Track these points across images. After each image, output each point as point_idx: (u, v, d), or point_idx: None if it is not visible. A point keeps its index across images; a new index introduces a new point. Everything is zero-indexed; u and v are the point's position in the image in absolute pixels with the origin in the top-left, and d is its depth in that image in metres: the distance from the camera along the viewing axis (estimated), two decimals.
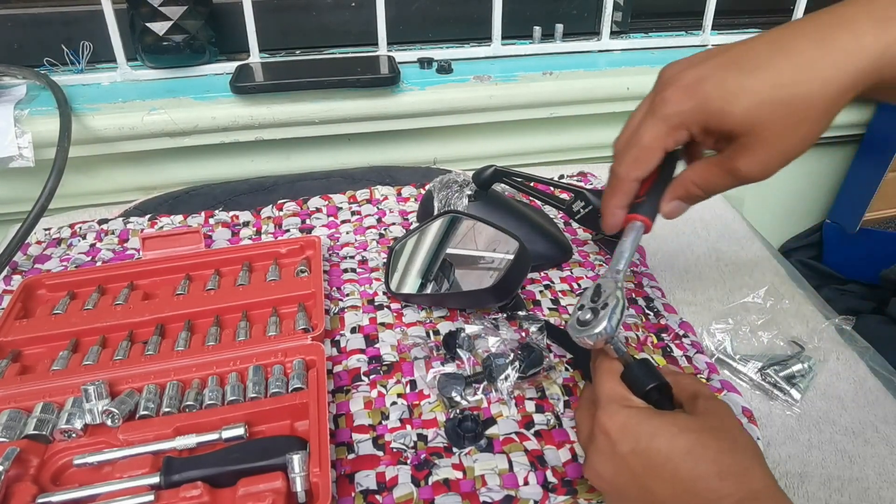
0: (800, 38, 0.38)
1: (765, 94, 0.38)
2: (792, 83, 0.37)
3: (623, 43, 1.00)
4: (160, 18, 0.81)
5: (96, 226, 0.74)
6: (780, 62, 0.38)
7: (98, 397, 0.47)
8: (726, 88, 0.38)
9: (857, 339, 0.60)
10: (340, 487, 0.44)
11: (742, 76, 0.38)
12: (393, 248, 0.62)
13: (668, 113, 0.40)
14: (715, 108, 0.39)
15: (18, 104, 0.78)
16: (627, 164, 0.43)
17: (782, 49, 0.38)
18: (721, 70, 0.39)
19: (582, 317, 0.42)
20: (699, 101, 0.39)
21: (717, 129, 0.39)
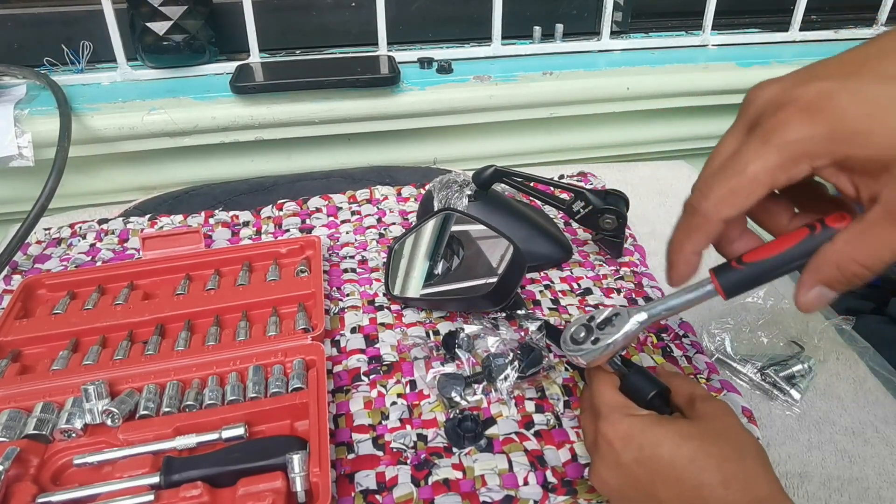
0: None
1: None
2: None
3: (623, 43, 1.00)
4: (160, 18, 0.81)
5: (96, 226, 0.74)
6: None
7: (98, 397, 0.47)
8: (869, 102, 0.29)
9: (857, 339, 0.60)
10: (340, 487, 0.44)
11: (887, 83, 0.29)
12: (392, 248, 0.62)
13: (788, 140, 0.30)
14: (858, 130, 0.29)
15: (18, 104, 0.78)
16: (719, 196, 0.32)
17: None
18: (853, 80, 0.29)
19: (577, 334, 0.42)
20: (833, 122, 0.29)
21: (862, 158, 0.29)
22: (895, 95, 0.29)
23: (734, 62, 0.95)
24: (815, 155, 0.30)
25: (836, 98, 0.29)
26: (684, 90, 0.93)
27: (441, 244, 0.59)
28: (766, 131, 0.31)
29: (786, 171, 0.31)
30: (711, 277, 0.37)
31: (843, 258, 0.31)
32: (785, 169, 0.31)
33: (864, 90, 0.29)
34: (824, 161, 0.30)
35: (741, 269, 0.35)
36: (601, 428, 0.40)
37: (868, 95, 0.29)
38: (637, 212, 0.71)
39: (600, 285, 0.64)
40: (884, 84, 0.29)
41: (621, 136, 0.98)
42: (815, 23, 1.04)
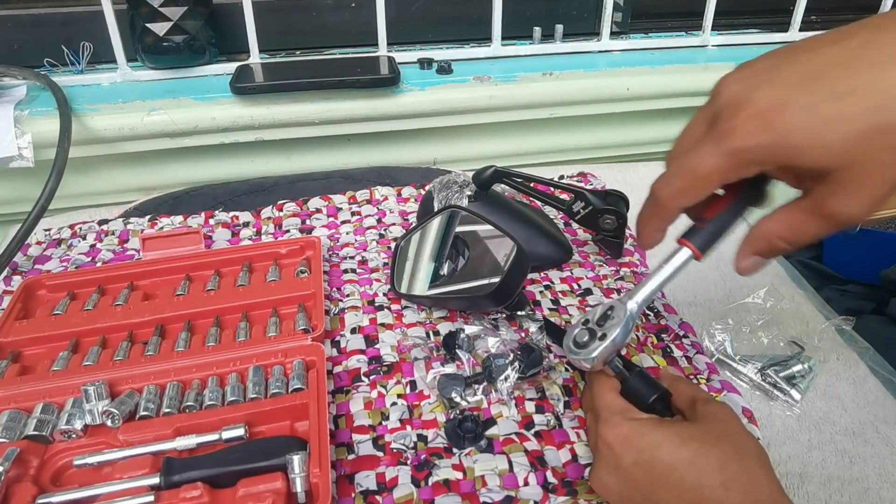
0: (892, 47, 0.31)
1: (865, 120, 0.30)
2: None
3: (623, 43, 1.00)
4: (160, 19, 0.81)
5: (96, 226, 0.74)
6: (880, 78, 0.30)
7: (98, 398, 0.47)
8: (814, 117, 0.31)
9: (857, 339, 0.60)
10: (340, 488, 0.44)
11: (834, 100, 0.31)
12: (398, 245, 0.62)
13: (738, 147, 0.33)
14: (800, 142, 0.31)
15: (18, 104, 0.78)
16: (674, 190, 0.36)
17: (877, 62, 0.31)
18: (805, 91, 0.31)
19: (579, 338, 0.42)
20: (780, 133, 0.32)
21: (803, 167, 0.32)
22: (840, 113, 0.31)
23: (734, 62, 0.93)
24: (760, 161, 0.33)
25: (786, 110, 0.32)
26: (684, 90, 0.93)
27: (447, 242, 0.59)
28: (721, 133, 0.34)
29: (735, 173, 0.34)
30: (683, 243, 0.40)
31: (771, 234, 0.37)
32: (733, 171, 0.34)
33: (813, 106, 0.31)
34: (769, 166, 0.34)
35: (705, 226, 0.39)
36: (601, 431, 0.40)
37: (814, 112, 0.31)
38: (637, 212, 0.71)
39: (600, 286, 0.64)
40: (833, 101, 0.31)
41: (621, 137, 0.98)
42: (814, 23, 1.04)
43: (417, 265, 0.60)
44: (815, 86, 0.32)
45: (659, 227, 0.39)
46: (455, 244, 0.58)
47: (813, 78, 0.32)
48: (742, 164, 0.34)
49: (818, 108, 0.31)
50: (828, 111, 0.31)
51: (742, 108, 0.33)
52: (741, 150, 0.33)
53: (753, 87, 0.33)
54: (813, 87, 0.32)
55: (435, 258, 0.59)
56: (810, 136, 0.31)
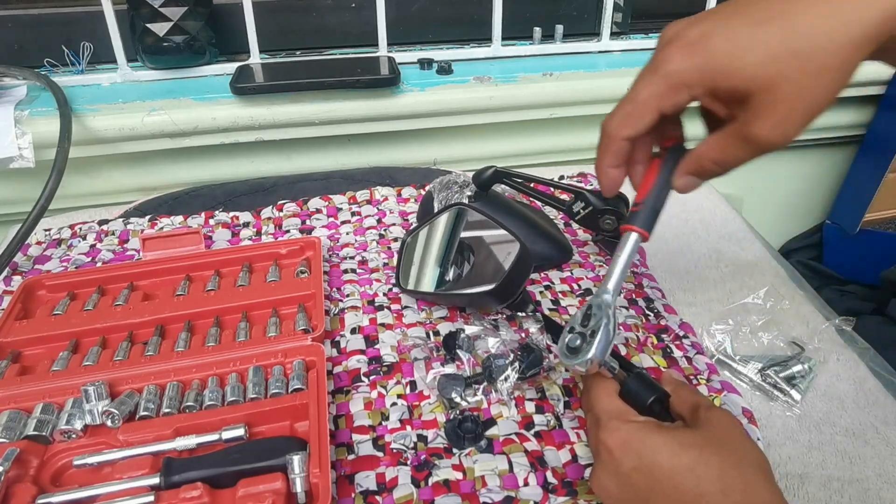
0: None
1: (778, 44, 0.34)
2: (809, 30, 0.33)
3: (623, 44, 1.00)
4: (160, 19, 0.81)
5: (96, 226, 0.74)
6: (793, 6, 0.34)
7: (98, 398, 0.47)
8: (734, 42, 0.35)
9: (857, 339, 0.60)
10: (340, 488, 0.44)
11: (752, 27, 0.34)
12: (404, 241, 0.62)
13: (669, 70, 0.37)
14: (722, 65, 0.35)
15: (19, 105, 0.78)
16: (618, 120, 0.40)
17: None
18: (728, 23, 0.35)
19: (571, 343, 0.42)
20: (704, 57, 0.35)
21: (726, 88, 0.36)
22: (756, 38, 0.34)
23: None
24: (691, 84, 0.37)
25: (711, 38, 0.36)
26: None
27: (453, 242, 0.59)
28: (656, 63, 0.38)
29: (670, 98, 0.37)
30: (627, 228, 0.42)
31: (702, 157, 0.40)
32: (668, 96, 0.37)
33: (734, 32, 0.35)
34: (699, 90, 0.37)
35: (640, 208, 0.42)
36: (601, 436, 0.40)
37: (735, 37, 0.35)
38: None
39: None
40: (750, 28, 0.35)
41: None
42: None
43: (424, 264, 0.60)
44: (737, 17, 0.35)
45: (612, 163, 0.41)
46: (461, 250, 0.58)
47: (737, 12, 0.36)
48: (674, 88, 0.37)
49: (737, 34, 0.35)
50: (745, 36, 0.35)
51: (676, 41, 0.37)
52: (672, 73, 0.37)
53: (687, 25, 0.37)
54: (736, 19, 0.35)
55: (442, 259, 0.59)
56: (730, 58, 0.35)
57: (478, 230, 0.58)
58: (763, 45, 0.34)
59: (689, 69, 0.36)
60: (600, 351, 0.40)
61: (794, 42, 0.34)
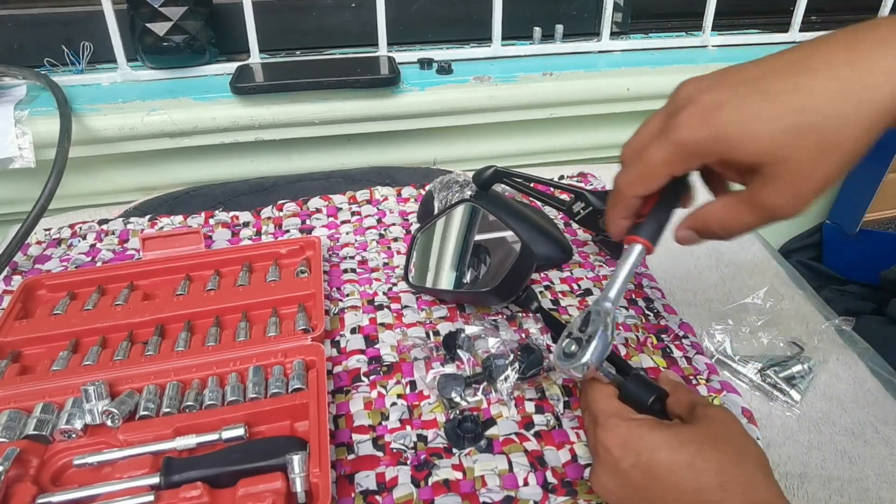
0: (828, 56, 0.34)
1: (789, 119, 0.34)
2: (820, 106, 0.33)
3: (623, 44, 1.00)
4: (160, 19, 0.81)
5: (96, 226, 0.74)
6: (806, 83, 0.34)
7: (98, 398, 0.47)
8: (745, 114, 0.35)
9: (857, 339, 0.60)
10: (340, 488, 0.44)
11: (763, 100, 0.34)
12: (415, 236, 0.62)
13: (682, 139, 0.36)
14: (733, 138, 0.35)
15: (19, 104, 0.78)
16: (629, 180, 0.40)
17: (808, 69, 0.34)
18: (740, 93, 0.35)
19: (567, 348, 0.42)
20: (716, 129, 0.35)
21: (738, 160, 0.35)
22: (769, 111, 0.34)
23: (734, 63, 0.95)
24: (702, 154, 0.37)
25: (724, 108, 0.35)
26: None
27: (469, 238, 0.58)
28: (669, 128, 0.37)
29: (681, 165, 0.38)
30: (632, 240, 0.42)
31: (708, 218, 0.40)
32: (680, 163, 0.38)
33: (747, 104, 0.35)
34: (711, 159, 0.37)
35: (645, 220, 0.42)
36: (599, 435, 0.40)
37: (747, 109, 0.35)
38: None
39: (600, 286, 0.64)
40: (763, 101, 0.34)
41: (621, 137, 0.97)
42: (814, 23, 1.04)
43: (441, 262, 0.59)
44: (750, 88, 0.35)
45: (621, 214, 0.42)
46: (476, 250, 0.58)
47: (749, 82, 0.36)
48: (686, 156, 0.37)
49: (749, 106, 0.35)
50: (757, 109, 0.34)
51: (688, 106, 0.37)
52: (685, 143, 0.37)
53: (701, 90, 0.37)
54: (748, 89, 0.35)
55: (458, 258, 0.58)
56: (742, 131, 0.35)
57: (481, 229, 0.58)
58: (776, 119, 0.34)
59: (701, 140, 0.36)
60: (596, 356, 0.40)
61: (807, 118, 0.33)
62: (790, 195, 0.35)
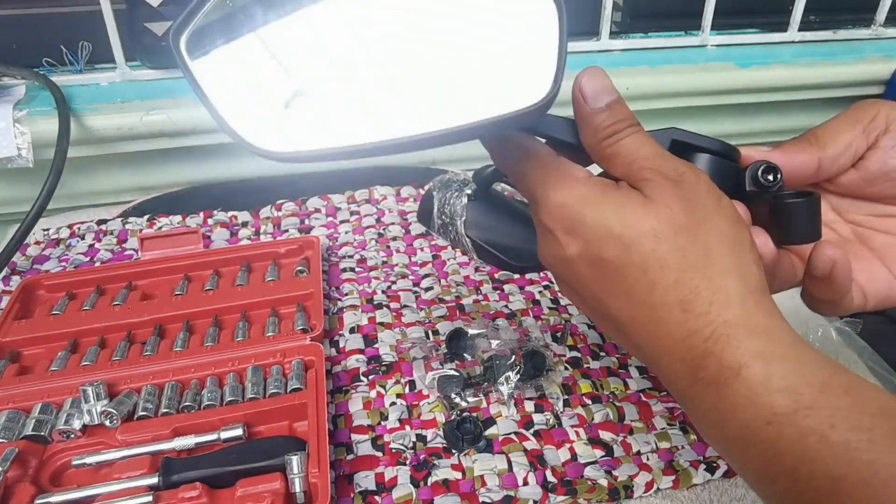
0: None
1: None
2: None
3: (622, 43, 1.00)
4: (159, 19, 0.81)
5: (95, 226, 0.74)
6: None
7: (96, 398, 0.47)
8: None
9: (856, 339, 0.60)
10: (339, 488, 0.44)
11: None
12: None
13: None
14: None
15: (17, 104, 0.77)
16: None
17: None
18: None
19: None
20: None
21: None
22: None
23: (733, 62, 0.95)
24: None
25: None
26: (683, 90, 0.93)
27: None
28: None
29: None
30: None
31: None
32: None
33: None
34: None
35: None
36: (541, 216, 0.35)
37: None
38: None
39: None
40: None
41: None
42: (813, 23, 1.04)
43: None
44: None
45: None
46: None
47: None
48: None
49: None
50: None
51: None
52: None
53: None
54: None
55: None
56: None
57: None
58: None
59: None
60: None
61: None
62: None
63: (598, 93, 0.35)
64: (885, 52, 0.98)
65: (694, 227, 0.31)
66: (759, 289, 0.32)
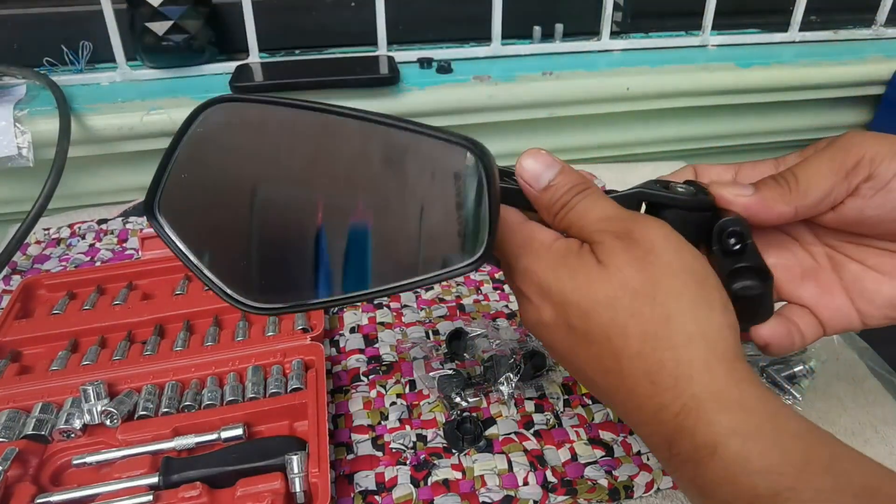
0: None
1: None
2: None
3: (623, 43, 1.00)
4: (160, 18, 0.81)
5: (95, 226, 0.74)
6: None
7: (97, 397, 0.47)
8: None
9: (856, 339, 0.60)
10: (339, 488, 0.44)
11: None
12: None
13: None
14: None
15: (18, 104, 0.78)
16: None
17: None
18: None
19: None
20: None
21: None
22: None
23: (734, 62, 0.95)
24: None
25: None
26: (684, 90, 0.93)
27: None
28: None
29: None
30: None
31: None
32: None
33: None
34: None
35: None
36: (515, 281, 0.34)
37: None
38: None
39: None
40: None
41: (621, 136, 0.98)
42: (814, 23, 1.04)
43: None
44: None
45: None
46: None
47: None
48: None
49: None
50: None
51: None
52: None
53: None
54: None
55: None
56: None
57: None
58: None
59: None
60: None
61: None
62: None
63: (538, 174, 0.36)
64: (885, 53, 0.98)
65: (650, 289, 0.29)
66: (729, 355, 0.29)
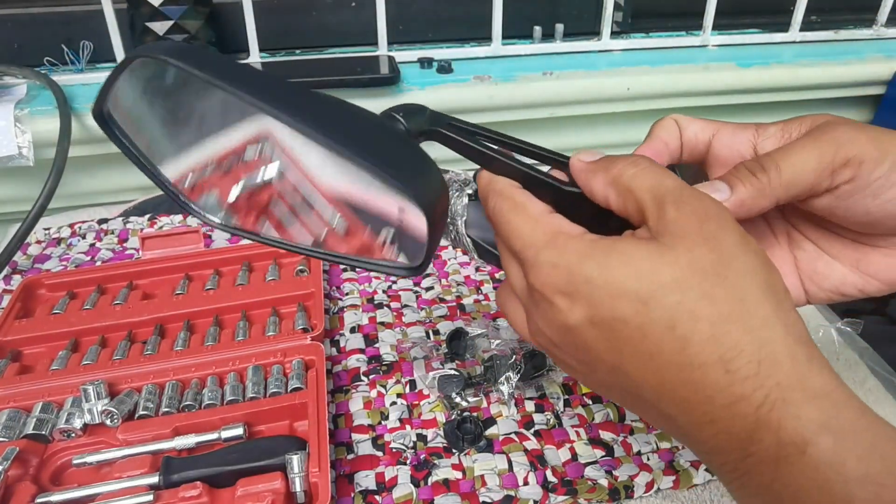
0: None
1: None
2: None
3: (623, 43, 1.00)
4: (160, 18, 0.81)
5: (96, 225, 0.74)
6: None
7: (97, 397, 0.47)
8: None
9: (857, 339, 0.60)
10: (340, 487, 0.44)
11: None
12: None
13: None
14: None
15: (18, 104, 0.78)
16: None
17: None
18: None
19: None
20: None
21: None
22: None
23: (734, 62, 0.95)
24: None
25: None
26: (684, 90, 0.93)
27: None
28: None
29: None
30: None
31: None
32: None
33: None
34: None
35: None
36: (530, 279, 0.29)
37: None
38: None
39: None
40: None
41: (621, 136, 0.98)
42: (815, 23, 1.04)
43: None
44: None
45: None
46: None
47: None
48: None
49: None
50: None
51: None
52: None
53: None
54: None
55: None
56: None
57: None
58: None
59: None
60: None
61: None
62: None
63: (591, 154, 0.33)
64: (886, 53, 0.98)
65: (723, 269, 0.26)
66: (806, 340, 0.27)
